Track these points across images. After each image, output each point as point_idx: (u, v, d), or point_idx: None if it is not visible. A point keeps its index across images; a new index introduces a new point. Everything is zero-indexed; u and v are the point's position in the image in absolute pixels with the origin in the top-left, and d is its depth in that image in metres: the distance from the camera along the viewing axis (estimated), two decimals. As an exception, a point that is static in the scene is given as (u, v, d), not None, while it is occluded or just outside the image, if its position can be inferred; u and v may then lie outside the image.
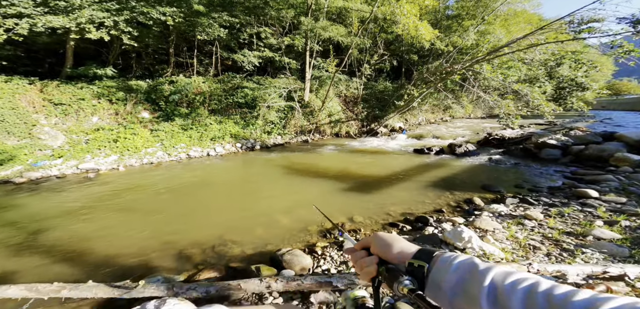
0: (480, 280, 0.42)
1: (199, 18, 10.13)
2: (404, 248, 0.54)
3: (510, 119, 9.22)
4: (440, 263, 0.48)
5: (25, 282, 2.26)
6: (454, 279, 0.45)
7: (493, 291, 0.41)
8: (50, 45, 9.83)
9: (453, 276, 0.45)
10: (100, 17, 7.92)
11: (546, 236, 2.84)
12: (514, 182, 5.24)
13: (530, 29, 12.04)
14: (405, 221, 3.62)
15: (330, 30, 11.57)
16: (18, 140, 6.70)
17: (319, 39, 12.04)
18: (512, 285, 0.40)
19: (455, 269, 0.46)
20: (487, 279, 0.42)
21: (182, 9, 9.50)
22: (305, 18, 11.19)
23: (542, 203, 3.94)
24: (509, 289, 0.39)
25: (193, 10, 9.80)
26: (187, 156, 7.86)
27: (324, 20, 11.72)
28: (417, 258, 0.51)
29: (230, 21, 10.90)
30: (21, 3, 7.01)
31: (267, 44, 12.66)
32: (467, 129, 13.41)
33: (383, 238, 0.57)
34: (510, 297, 0.38)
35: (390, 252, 0.55)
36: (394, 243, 0.56)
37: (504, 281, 0.41)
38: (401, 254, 0.54)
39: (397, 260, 0.54)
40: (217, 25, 10.40)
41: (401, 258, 0.53)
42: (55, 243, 3.23)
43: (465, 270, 0.45)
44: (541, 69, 11.47)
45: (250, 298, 2.09)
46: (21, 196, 4.87)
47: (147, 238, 3.29)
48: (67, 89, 8.41)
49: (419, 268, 0.49)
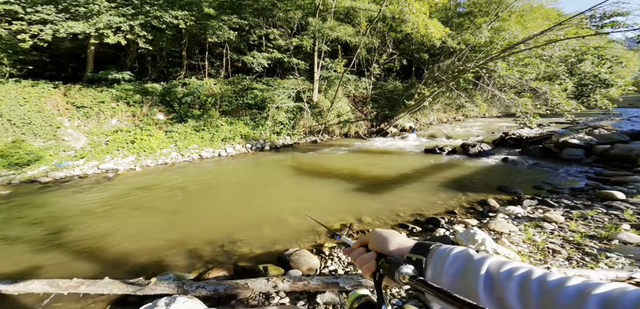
0: (476, 270, 0.43)
1: (210, 21, 10.37)
2: (401, 243, 0.55)
3: (528, 118, 8.84)
4: (437, 255, 0.49)
5: (47, 277, 2.37)
6: (452, 271, 0.46)
7: (489, 280, 0.42)
8: (72, 50, 10.36)
9: (450, 268, 0.46)
10: (117, 22, 8.27)
11: (567, 240, 2.69)
12: (533, 183, 5.02)
13: (548, 25, 11.50)
14: (415, 222, 3.54)
15: (338, 31, 11.53)
16: (44, 141, 7.09)
17: (326, 39, 12.02)
18: (507, 274, 0.41)
19: (452, 261, 0.47)
20: (483, 269, 0.43)
21: (193, 12, 9.76)
22: (313, 19, 11.21)
23: (563, 205, 3.75)
24: (504, 278, 0.41)
25: (204, 14, 10.04)
26: (199, 156, 8.05)
27: (331, 20, 11.70)
28: (415, 252, 0.52)
29: (240, 23, 11.09)
30: (44, 10, 7.42)
31: (275, 45, 12.78)
32: (482, 128, 12.98)
33: (380, 234, 0.58)
34: (506, 285, 0.40)
35: (387, 247, 0.56)
36: (391, 238, 0.57)
37: (499, 270, 0.42)
38: (399, 249, 0.55)
39: (395, 255, 0.54)
40: (226, 28, 10.61)
41: (399, 252, 0.54)
42: (75, 239, 3.39)
43: (461, 262, 0.46)
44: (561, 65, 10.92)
45: (257, 297, 2.11)
46: (46, 195, 5.14)
47: (160, 236, 3.39)
48: (89, 92, 8.82)
49: (417, 261, 0.50)
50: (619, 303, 0.31)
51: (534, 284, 0.38)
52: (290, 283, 2.10)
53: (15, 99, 7.29)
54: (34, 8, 7.40)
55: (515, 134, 8.72)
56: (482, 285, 0.42)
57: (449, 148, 8.04)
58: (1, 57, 7.86)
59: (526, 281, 0.38)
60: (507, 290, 0.39)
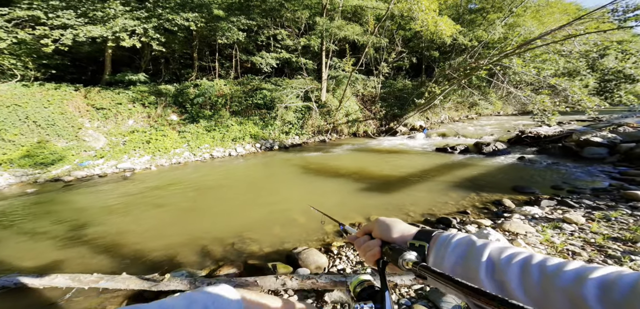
0: (478, 256, 0.44)
1: (219, 23, 10.58)
2: (404, 230, 0.56)
3: (547, 115, 8.48)
4: (439, 241, 0.50)
5: (69, 272, 2.50)
6: (454, 257, 0.47)
7: (491, 265, 0.43)
8: (91, 54, 10.84)
9: (453, 254, 0.47)
10: (132, 25, 8.59)
11: (588, 241, 2.57)
12: (551, 183, 4.82)
13: (567, 20, 11.00)
14: (425, 222, 3.48)
15: (345, 30, 11.47)
16: (66, 142, 7.46)
17: (334, 38, 12.00)
18: (508, 259, 0.42)
19: (454, 246, 0.48)
20: (485, 254, 0.44)
21: (203, 14, 9.99)
22: (320, 18, 11.21)
23: (585, 206, 3.58)
24: (505, 262, 0.41)
25: (213, 15, 10.25)
26: (210, 156, 8.23)
27: (339, 19, 11.66)
28: (418, 238, 0.53)
29: (248, 24, 11.26)
30: (65, 15, 7.80)
31: (283, 45, 12.88)
32: (496, 127, 12.57)
33: (384, 222, 0.59)
34: (507, 270, 0.40)
35: (391, 234, 0.56)
36: (394, 225, 0.57)
37: (500, 256, 0.43)
38: (402, 236, 0.55)
39: (398, 242, 0.55)
40: (235, 29, 10.80)
41: (402, 239, 0.55)
42: (95, 235, 3.55)
43: (464, 247, 0.47)
44: (581, 61, 10.40)
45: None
46: (69, 193, 5.41)
47: (174, 234, 3.50)
48: (107, 94, 9.20)
49: (420, 247, 0.51)
50: (615, 285, 0.32)
51: (534, 268, 0.39)
52: (298, 281, 2.11)
53: (40, 101, 7.70)
54: (54, 13, 7.80)
55: (532, 133, 8.39)
56: (484, 270, 0.43)
57: (461, 147, 7.84)
58: (26, 61, 8.32)
59: (527, 265, 0.39)
60: (508, 274, 0.40)
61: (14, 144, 6.65)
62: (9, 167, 6.17)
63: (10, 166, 6.20)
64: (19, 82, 8.03)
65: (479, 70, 10.17)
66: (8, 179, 5.90)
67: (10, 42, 7.51)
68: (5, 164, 6.18)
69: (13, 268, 2.84)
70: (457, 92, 13.82)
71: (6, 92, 7.38)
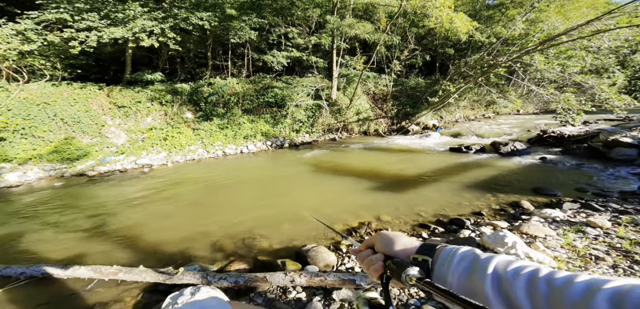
0: (483, 269, 0.43)
1: (232, 22, 10.78)
2: (407, 244, 0.56)
3: (571, 114, 8.02)
4: (443, 255, 0.49)
5: (91, 263, 2.63)
6: (459, 271, 0.46)
7: (496, 279, 0.42)
8: (113, 54, 11.37)
9: (457, 268, 0.46)
10: (150, 25, 8.95)
11: (613, 246, 2.43)
12: (575, 185, 4.57)
13: (594, 14, 10.31)
14: (437, 223, 3.40)
15: (356, 28, 11.34)
16: (91, 138, 7.87)
17: (345, 37, 11.89)
18: (514, 272, 0.41)
19: (459, 260, 0.47)
20: (490, 268, 0.43)
21: (216, 13, 10.22)
22: (331, 16, 11.15)
23: (611, 210, 3.38)
24: (511, 276, 0.41)
25: (226, 15, 10.46)
26: (223, 153, 8.42)
27: (350, 17, 11.54)
28: (421, 252, 0.52)
29: (260, 23, 11.42)
30: (89, 17, 8.23)
31: (294, 44, 12.93)
32: (515, 126, 12.03)
33: (386, 236, 0.59)
34: (513, 283, 0.40)
35: (394, 248, 0.56)
36: (397, 239, 0.57)
37: (506, 269, 0.42)
38: (404, 250, 0.55)
39: (401, 256, 0.55)
40: (247, 28, 10.98)
41: (405, 253, 0.54)
42: (115, 229, 3.73)
43: (468, 261, 0.46)
44: (611, 57, 9.73)
45: (275, 291, 2.16)
46: (92, 187, 5.72)
47: (188, 228, 3.62)
48: (128, 93, 9.62)
49: (423, 262, 0.50)
50: (628, 297, 0.30)
51: (541, 281, 0.38)
52: (307, 278, 2.13)
53: (67, 100, 8.17)
54: (80, 16, 8.25)
55: (555, 132, 7.98)
56: (490, 283, 0.42)
57: (476, 147, 7.58)
58: (54, 61, 8.84)
59: (534, 278, 0.38)
60: (514, 288, 0.39)
61: (43, 140, 7.09)
62: (39, 162, 6.60)
63: (40, 160, 6.62)
64: (48, 82, 8.55)
65: (498, 67, 9.76)
66: (38, 173, 6.30)
67: (40, 44, 8.00)
68: (36, 159, 6.61)
69: (40, 258, 3.04)
70: (473, 91, 13.33)
71: (36, 91, 7.88)
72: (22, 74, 8.12)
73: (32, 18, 7.96)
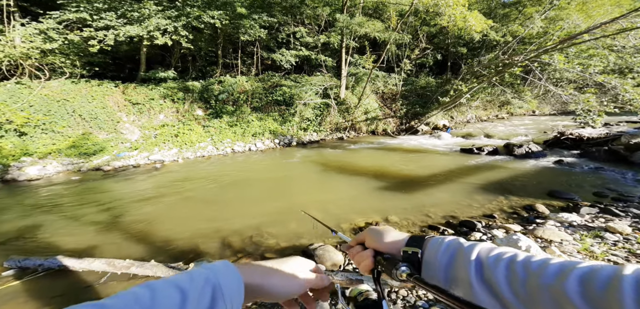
0: (467, 257, 0.45)
1: (242, 20, 10.91)
2: (396, 237, 0.56)
3: (591, 116, 7.67)
4: (430, 246, 0.51)
5: (105, 256, 2.72)
6: (445, 260, 0.48)
7: (479, 265, 0.44)
8: (129, 52, 11.71)
9: (443, 257, 0.48)
10: (164, 24, 9.18)
11: (633, 252, 2.32)
12: (594, 189, 4.39)
13: (619, 12, 9.81)
14: (447, 225, 3.33)
15: (366, 26, 11.22)
16: (107, 134, 8.15)
17: (354, 35, 11.80)
18: (495, 258, 0.43)
19: (444, 249, 0.48)
20: (473, 255, 0.45)
21: (227, 12, 10.36)
22: (340, 15, 11.08)
23: (632, 215, 3.23)
24: (492, 262, 0.42)
25: (237, 13, 10.58)
26: (232, 150, 8.54)
27: (359, 16, 11.42)
28: (410, 245, 0.53)
29: (269, 21, 11.49)
30: (107, 16, 8.51)
31: (303, 42, 12.93)
32: (531, 127, 11.64)
33: (376, 231, 0.59)
34: (494, 270, 0.41)
35: (383, 243, 0.56)
36: (385, 233, 0.57)
37: (488, 255, 0.44)
38: (394, 243, 0.55)
39: (391, 250, 0.55)
40: (257, 26, 11.08)
41: (394, 247, 0.55)
42: (128, 222, 3.85)
43: (453, 250, 0.48)
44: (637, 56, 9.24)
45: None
46: (107, 182, 5.92)
47: (198, 224, 3.69)
48: (142, 90, 9.89)
49: (413, 254, 0.51)
50: (595, 277, 0.32)
51: (519, 266, 0.39)
52: (313, 276, 2.12)
53: (85, 96, 8.48)
54: (99, 15, 8.55)
55: (573, 134, 7.67)
56: (474, 270, 0.43)
57: (489, 148, 7.38)
58: (74, 59, 9.19)
59: (512, 263, 0.40)
60: (496, 274, 0.41)
61: (62, 135, 7.40)
62: (58, 156, 6.88)
63: (58, 155, 6.91)
64: (68, 79, 8.90)
65: (513, 67, 9.44)
66: (57, 167, 6.58)
67: (61, 43, 8.34)
68: (55, 153, 6.90)
69: (58, 249, 3.18)
70: (486, 91, 12.95)
71: (57, 88, 8.22)
72: (44, 71, 8.49)
73: (54, 18, 8.30)
